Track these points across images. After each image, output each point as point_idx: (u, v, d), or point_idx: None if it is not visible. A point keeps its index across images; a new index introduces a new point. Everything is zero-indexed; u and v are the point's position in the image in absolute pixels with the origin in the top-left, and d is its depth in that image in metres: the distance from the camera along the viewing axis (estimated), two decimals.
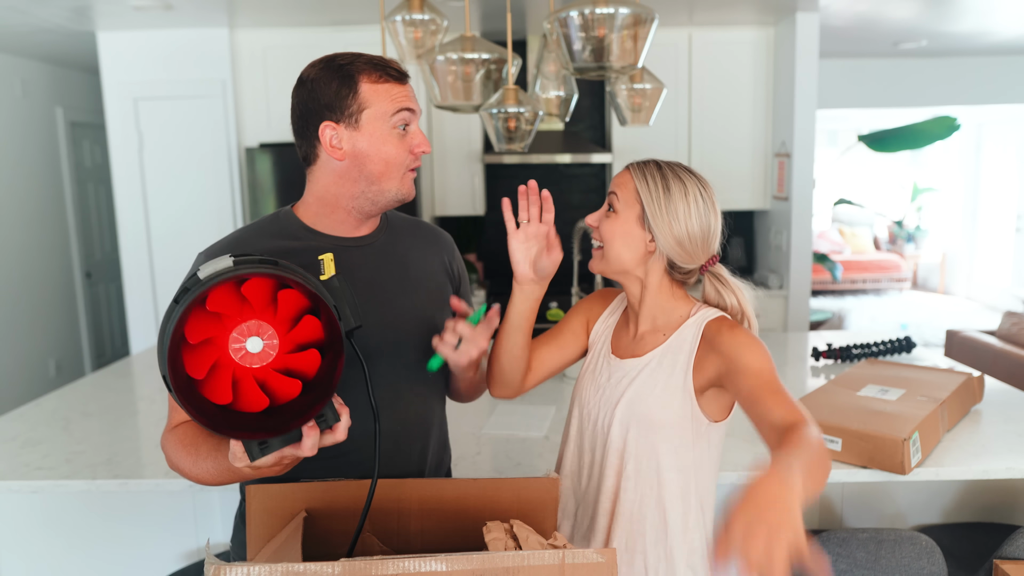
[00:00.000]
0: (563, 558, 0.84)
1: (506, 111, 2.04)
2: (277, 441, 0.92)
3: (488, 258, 4.85)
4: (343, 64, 1.18)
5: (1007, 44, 5.29)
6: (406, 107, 1.19)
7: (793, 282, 4.17)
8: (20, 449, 1.90)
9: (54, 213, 5.03)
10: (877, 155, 7.96)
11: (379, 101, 1.18)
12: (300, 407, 0.93)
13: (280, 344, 0.91)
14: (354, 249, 1.24)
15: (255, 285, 0.90)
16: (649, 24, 1.73)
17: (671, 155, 4.34)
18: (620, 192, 1.26)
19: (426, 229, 1.40)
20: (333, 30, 4.05)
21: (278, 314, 0.91)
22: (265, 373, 0.91)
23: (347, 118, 1.17)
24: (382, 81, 1.18)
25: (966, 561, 1.75)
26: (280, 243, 1.21)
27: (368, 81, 1.17)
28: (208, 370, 0.89)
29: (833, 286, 9.04)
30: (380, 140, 1.18)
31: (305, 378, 0.94)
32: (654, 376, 1.24)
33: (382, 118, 1.18)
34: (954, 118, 5.09)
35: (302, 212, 1.25)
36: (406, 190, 1.23)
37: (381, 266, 1.26)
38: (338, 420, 0.96)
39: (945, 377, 2.01)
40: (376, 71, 1.18)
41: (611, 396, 1.27)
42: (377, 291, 1.24)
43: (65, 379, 5.03)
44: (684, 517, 1.24)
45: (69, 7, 3.54)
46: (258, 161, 3.93)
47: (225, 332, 0.90)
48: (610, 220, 1.27)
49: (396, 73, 1.20)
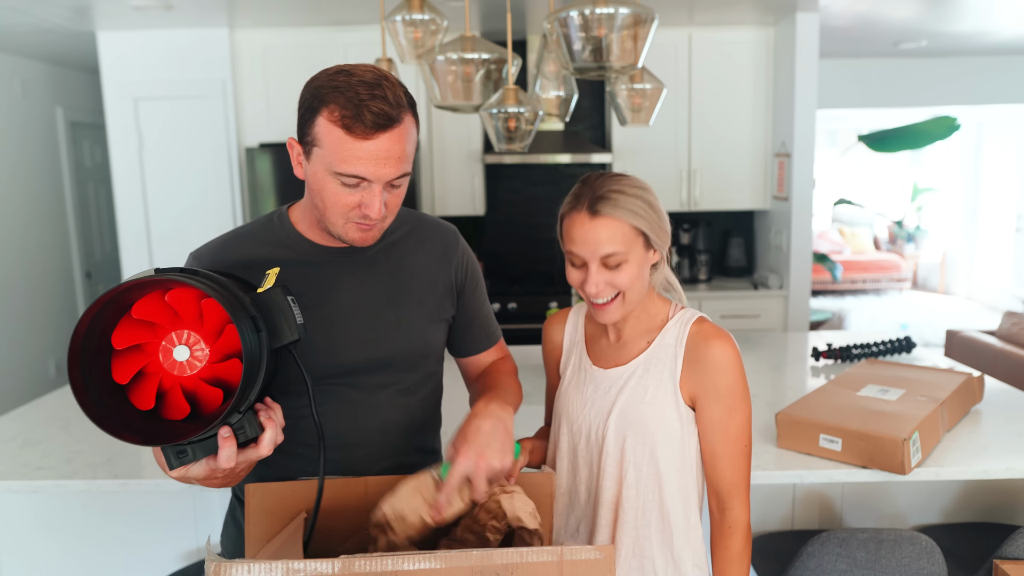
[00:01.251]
0: (561, 555, 0.84)
1: (506, 111, 2.04)
2: (193, 448, 0.91)
3: (488, 258, 4.85)
4: (322, 86, 1.06)
5: (1007, 44, 5.29)
6: (355, 174, 1.05)
7: (793, 282, 4.17)
8: (20, 449, 1.90)
9: (54, 213, 5.03)
10: (877, 155, 7.96)
11: (328, 148, 1.05)
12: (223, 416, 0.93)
13: (210, 354, 0.91)
14: (343, 261, 1.22)
15: (180, 295, 0.90)
16: (649, 24, 1.73)
17: (671, 155, 4.35)
18: (617, 245, 1.15)
19: (429, 228, 1.32)
20: (333, 30, 4.05)
21: (204, 324, 0.91)
22: (193, 382, 0.91)
23: (305, 144, 1.09)
24: (338, 126, 1.04)
25: (966, 561, 1.75)
26: (271, 251, 1.20)
27: (327, 117, 1.04)
28: (133, 377, 0.91)
29: (833, 286, 9.04)
30: (322, 182, 1.09)
31: (231, 387, 0.93)
32: (642, 383, 1.22)
33: (326, 166, 1.07)
34: (954, 118, 5.09)
35: (297, 216, 1.23)
36: (351, 237, 1.13)
37: (369, 279, 1.23)
38: (260, 432, 0.93)
39: (945, 377, 2.01)
40: (341, 110, 1.03)
41: (601, 407, 1.25)
42: (362, 305, 1.21)
43: (65, 379, 5.03)
44: (686, 516, 1.24)
45: (69, 7, 3.54)
46: (258, 161, 3.93)
47: (155, 340, 0.90)
48: (621, 273, 1.17)
49: (363, 128, 1.03)
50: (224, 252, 1.19)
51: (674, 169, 4.37)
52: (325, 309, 1.19)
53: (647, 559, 1.23)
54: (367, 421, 1.23)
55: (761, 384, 2.38)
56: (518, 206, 4.82)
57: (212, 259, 1.18)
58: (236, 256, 1.18)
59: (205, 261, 1.18)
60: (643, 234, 1.17)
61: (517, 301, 4.19)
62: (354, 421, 1.22)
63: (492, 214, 4.80)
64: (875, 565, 1.52)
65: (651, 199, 1.19)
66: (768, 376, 2.49)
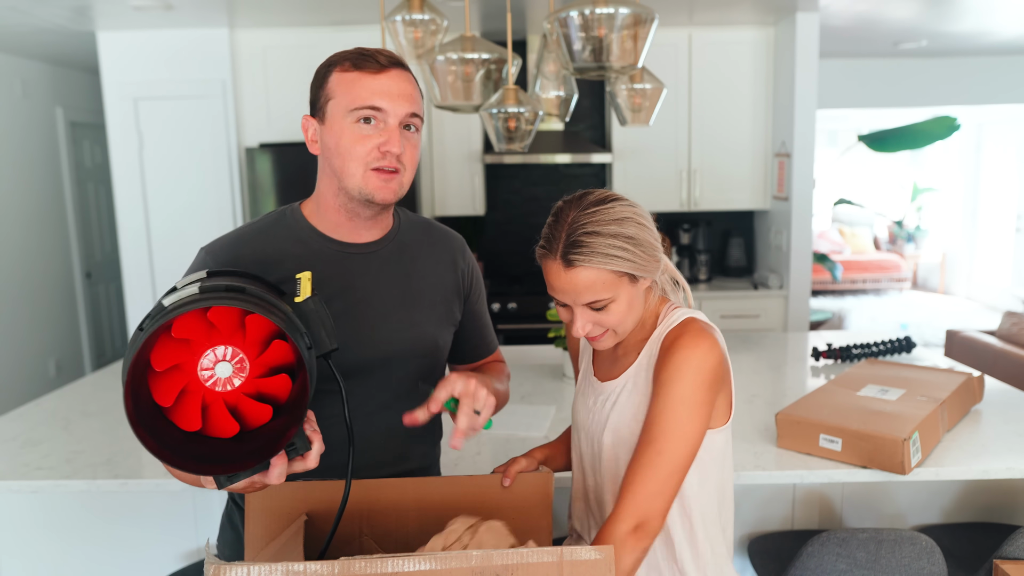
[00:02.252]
0: (561, 555, 0.84)
1: (506, 111, 2.04)
2: (244, 474, 0.89)
3: (488, 258, 4.85)
4: (331, 59, 1.16)
5: (1007, 44, 5.29)
6: (368, 104, 1.11)
7: (793, 282, 4.17)
8: (20, 449, 1.90)
9: (54, 213, 5.03)
10: (877, 155, 7.97)
11: (342, 92, 1.13)
12: (271, 432, 0.90)
13: (251, 368, 0.88)
14: (357, 257, 1.22)
15: (222, 309, 0.87)
16: (649, 24, 1.73)
17: (671, 155, 4.35)
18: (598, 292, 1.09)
19: (438, 235, 1.35)
20: (333, 30, 4.05)
21: (247, 338, 0.88)
22: (236, 398, 0.89)
23: (318, 111, 1.16)
24: (351, 71, 1.12)
25: (966, 561, 1.75)
26: (286, 246, 1.19)
27: (339, 71, 1.13)
28: (176, 397, 0.87)
29: (833, 286, 9.04)
30: (339, 132, 1.13)
31: (277, 402, 0.91)
32: (630, 399, 1.19)
33: (341, 109, 1.12)
34: (954, 118, 5.09)
35: (308, 211, 1.24)
36: (370, 188, 1.13)
37: (383, 276, 1.24)
38: (309, 448, 0.91)
39: (945, 377, 2.01)
40: (351, 61, 1.13)
41: (599, 420, 1.23)
42: (375, 302, 1.22)
43: (65, 379, 5.03)
44: (690, 535, 1.20)
45: (69, 7, 3.54)
46: (258, 161, 3.93)
47: (193, 358, 0.87)
48: (609, 314, 1.12)
49: (375, 64, 1.12)
50: (239, 248, 1.18)
51: (674, 169, 4.37)
52: (339, 305, 1.18)
53: (652, 569, 1.21)
54: (374, 422, 1.23)
55: (761, 384, 2.38)
56: (518, 206, 4.82)
57: (227, 255, 1.17)
58: (251, 252, 1.18)
59: (220, 257, 1.17)
60: (625, 274, 1.10)
61: (517, 301, 4.19)
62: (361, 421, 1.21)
63: (492, 214, 4.80)
64: (875, 565, 1.52)
65: (631, 232, 1.09)
66: (768, 376, 2.49)
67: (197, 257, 1.18)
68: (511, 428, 2.01)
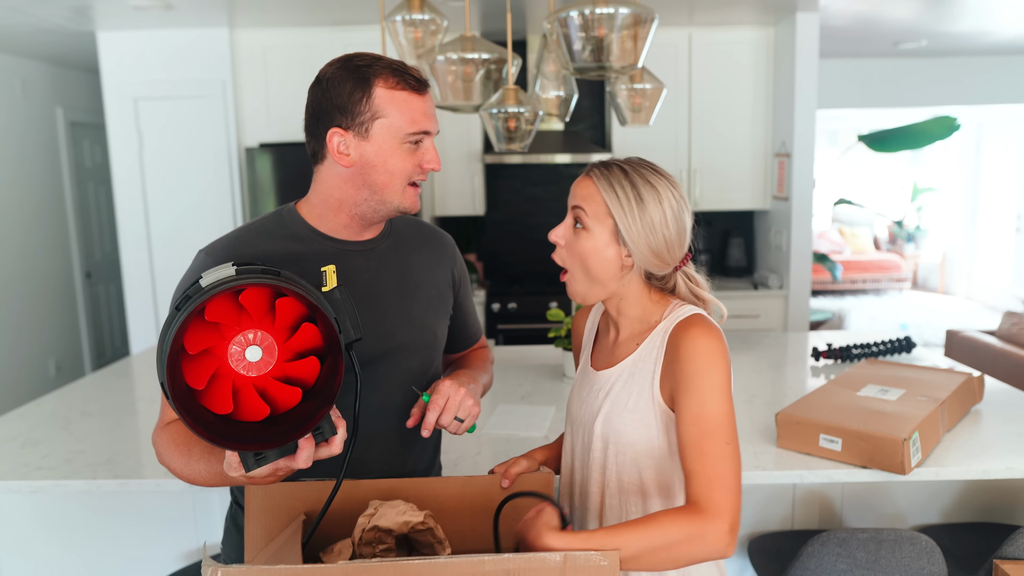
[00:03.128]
0: (565, 561, 0.84)
1: (506, 111, 2.04)
2: (273, 453, 0.91)
3: (488, 258, 4.85)
4: (360, 66, 1.13)
5: (1007, 44, 5.29)
6: (423, 129, 1.15)
7: (793, 282, 4.17)
8: (20, 449, 1.90)
9: (54, 213, 5.03)
10: (877, 155, 7.97)
11: (394, 113, 1.13)
12: (300, 415, 0.92)
13: (280, 352, 0.90)
14: (356, 254, 1.24)
15: (252, 294, 0.89)
16: (649, 24, 1.73)
17: (671, 155, 4.34)
18: (587, 205, 1.13)
19: (428, 232, 1.39)
20: (333, 30, 4.04)
21: (276, 322, 0.90)
22: (265, 381, 0.90)
23: (357, 125, 1.13)
24: (399, 88, 1.13)
25: (966, 561, 1.75)
26: (286, 245, 1.20)
27: (384, 87, 1.12)
28: (208, 380, 0.88)
29: (833, 286, 9.04)
30: (388, 152, 1.14)
31: (305, 386, 0.93)
32: (626, 389, 1.16)
33: (394, 133, 1.14)
34: (954, 118, 5.09)
35: (306, 211, 1.24)
36: (408, 203, 1.20)
37: (382, 272, 1.26)
38: (335, 433, 0.94)
39: (945, 377, 2.01)
40: (394, 76, 1.13)
41: (591, 410, 1.21)
42: (376, 298, 1.24)
43: (65, 379, 5.03)
44: None
45: (69, 7, 3.54)
46: (258, 161, 3.93)
47: (224, 341, 0.88)
48: (579, 238, 1.14)
49: (415, 82, 1.15)
50: (239, 248, 1.18)
51: (674, 169, 4.37)
52: None
53: None
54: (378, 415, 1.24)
55: (761, 384, 2.38)
56: (518, 206, 4.82)
57: (227, 255, 1.17)
58: (252, 252, 1.18)
59: (221, 257, 1.17)
60: (612, 218, 1.11)
61: (517, 301, 4.19)
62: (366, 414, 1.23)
63: (492, 214, 4.80)
64: (875, 565, 1.52)
65: (647, 195, 1.11)
66: (768, 376, 2.49)
67: (196, 259, 1.18)
68: (511, 428, 2.00)
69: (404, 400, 1.26)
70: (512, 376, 2.51)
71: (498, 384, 2.45)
